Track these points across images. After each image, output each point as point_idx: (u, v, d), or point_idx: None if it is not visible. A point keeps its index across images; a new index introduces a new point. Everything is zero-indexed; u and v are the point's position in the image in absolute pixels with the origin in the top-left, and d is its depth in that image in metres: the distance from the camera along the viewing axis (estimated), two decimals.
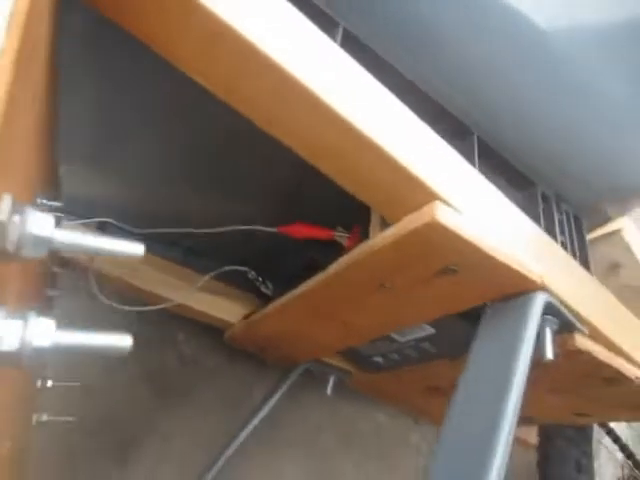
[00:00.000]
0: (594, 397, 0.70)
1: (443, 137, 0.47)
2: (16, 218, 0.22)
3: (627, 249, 0.78)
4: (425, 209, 0.46)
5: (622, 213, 0.75)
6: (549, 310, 0.52)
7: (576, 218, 0.68)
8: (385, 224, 0.54)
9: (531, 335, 0.49)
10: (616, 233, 0.77)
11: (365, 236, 0.56)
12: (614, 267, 0.79)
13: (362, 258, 0.53)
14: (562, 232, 0.64)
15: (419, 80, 0.52)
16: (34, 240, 0.23)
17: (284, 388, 0.92)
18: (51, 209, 0.39)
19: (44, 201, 0.37)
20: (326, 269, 0.59)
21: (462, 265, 0.49)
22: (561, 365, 0.58)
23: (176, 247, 0.86)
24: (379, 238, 0.51)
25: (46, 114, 0.39)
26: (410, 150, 0.43)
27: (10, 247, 0.22)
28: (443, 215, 0.45)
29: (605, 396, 0.68)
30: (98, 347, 0.26)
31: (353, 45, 0.48)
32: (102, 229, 0.80)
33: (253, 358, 0.97)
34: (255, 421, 0.88)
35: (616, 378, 0.60)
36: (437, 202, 0.45)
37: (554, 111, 0.55)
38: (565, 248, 0.63)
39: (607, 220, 0.75)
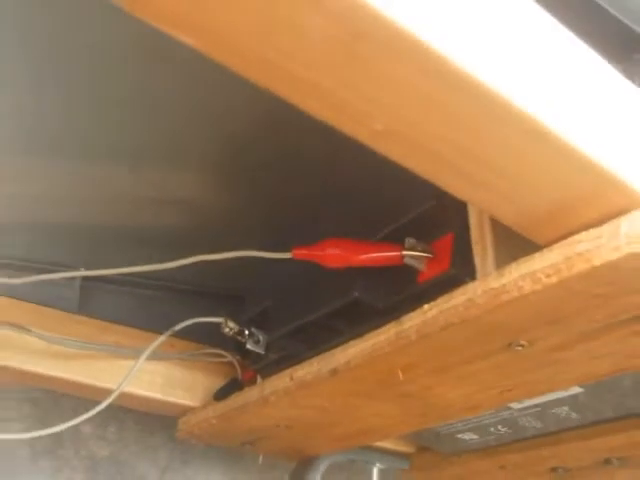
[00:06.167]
0: None
1: None
2: None
3: None
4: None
5: None
6: None
7: None
8: (502, 237, 0.31)
9: None
10: None
11: (462, 255, 0.33)
12: None
13: (491, 310, 0.28)
14: None
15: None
16: None
17: None
18: None
19: None
20: (397, 324, 0.33)
21: None
22: None
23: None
24: (519, 277, 0.26)
25: None
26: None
27: None
28: None
29: None
30: None
31: None
32: None
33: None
34: None
35: None
36: None
37: None
38: None
39: None
